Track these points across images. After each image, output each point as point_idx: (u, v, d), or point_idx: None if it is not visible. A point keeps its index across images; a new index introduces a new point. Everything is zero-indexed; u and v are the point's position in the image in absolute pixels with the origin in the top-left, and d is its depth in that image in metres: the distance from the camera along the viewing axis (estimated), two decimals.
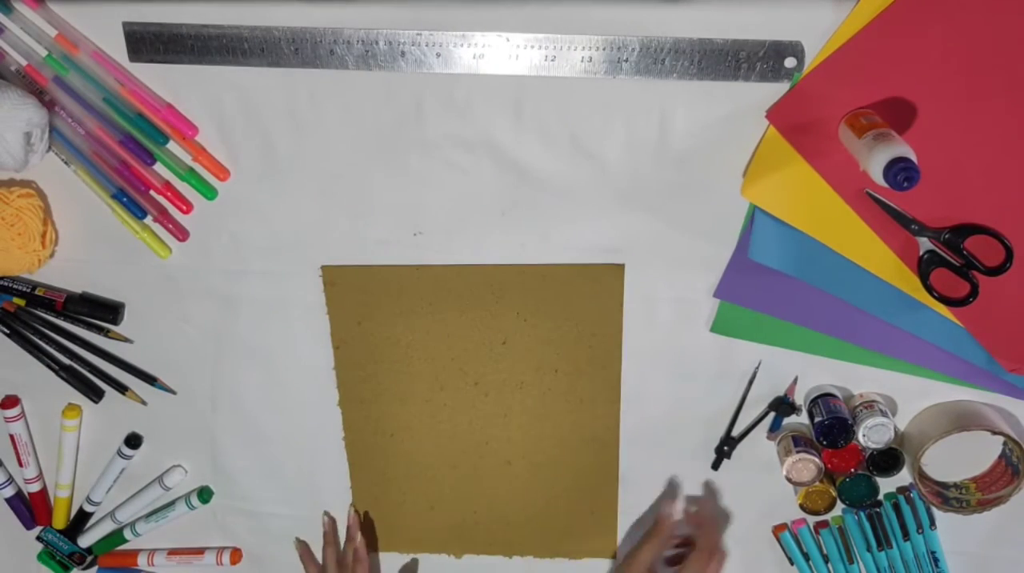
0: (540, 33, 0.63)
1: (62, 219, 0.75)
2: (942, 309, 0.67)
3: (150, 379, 0.81)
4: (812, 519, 0.80)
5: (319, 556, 0.87)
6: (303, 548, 0.87)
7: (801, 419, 0.76)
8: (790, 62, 0.62)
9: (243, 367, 0.80)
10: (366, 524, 0.86)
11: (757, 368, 0.73)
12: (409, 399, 0.80)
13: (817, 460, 0.73)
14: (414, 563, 0.88)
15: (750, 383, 0.74)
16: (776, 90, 0.63)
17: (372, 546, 0.86)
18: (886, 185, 0.55)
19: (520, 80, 0.65)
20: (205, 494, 0.86)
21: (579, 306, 0.74)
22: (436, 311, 0.75)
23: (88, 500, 0.88)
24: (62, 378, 0.81)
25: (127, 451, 0.84)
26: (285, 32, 0.65)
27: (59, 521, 0.89)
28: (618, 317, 0.74)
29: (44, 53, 0.68)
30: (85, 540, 0.89)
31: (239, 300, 0.76)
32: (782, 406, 0.74)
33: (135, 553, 0.90)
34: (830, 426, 0.71)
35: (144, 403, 0.82)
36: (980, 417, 0.71)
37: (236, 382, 0.80)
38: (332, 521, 0.85)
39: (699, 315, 0.73)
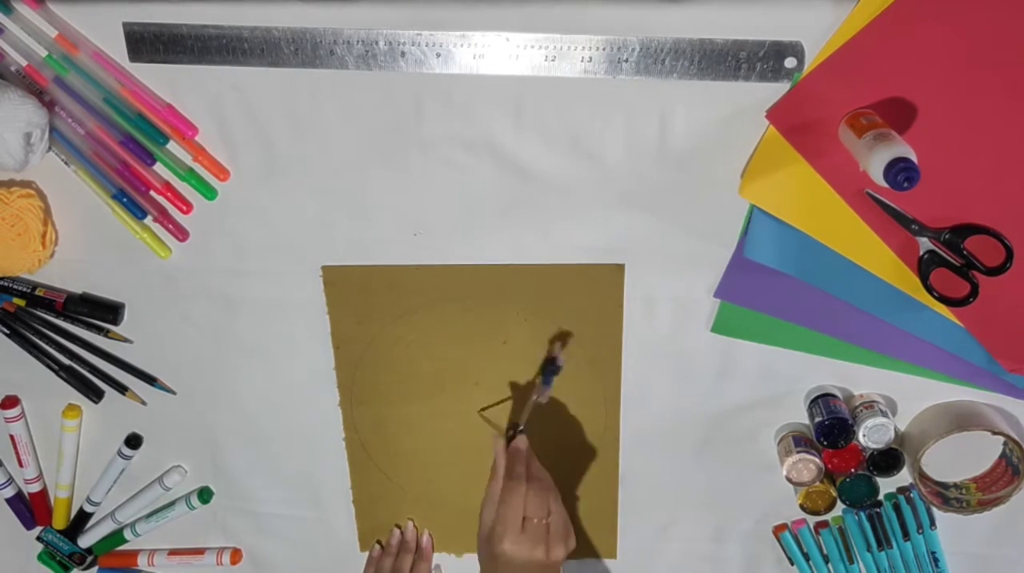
0: (540, 33, 0.63)
1: (62, 219, 0.75)
2: (942, 309, 0.67)
3: (150, 379, 0.81)
4: (812, 519, 0.80)
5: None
6: (377, 551, 0.86)
7: (801, 419, 0.76)
8: (790, 62, 0.62)
9: (243, 367, 0.79)
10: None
11: None
12: (409, 399, 0.80)
13: (817, 460, 0.73)
14: None
15: None
16: (776, 90, 0.63)
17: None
18: (886, 185, 0.55)
19: (520, 80, 0.65)
20: (205, 494, 0.86)
21: (579, 306, 0.74)
22: (436, 311, 0.75)
23: (88, 500, 0.88)
24: (62, 378, 0.81)
25: (127, 451, 0.84)
26: (285, 32, 0.65)
27: (59, 521, 0.89)
28: (618, 317, 0.74)
29: (44, 53, 0.68)
30: (85, 540, 0.89)
31: (239, 300, 0.76)
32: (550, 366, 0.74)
33: (135, 553, 0.90)
34: (830, 426, 0.71)
35: (144, 403, 0.82)
36: (980, 417, 0.71)
37: (236, 382, 0.80)
38: (400, 534, 0.85)
39: (699, 315, 0.73)
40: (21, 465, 0.86)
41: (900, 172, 0.54)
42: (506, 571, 0.65)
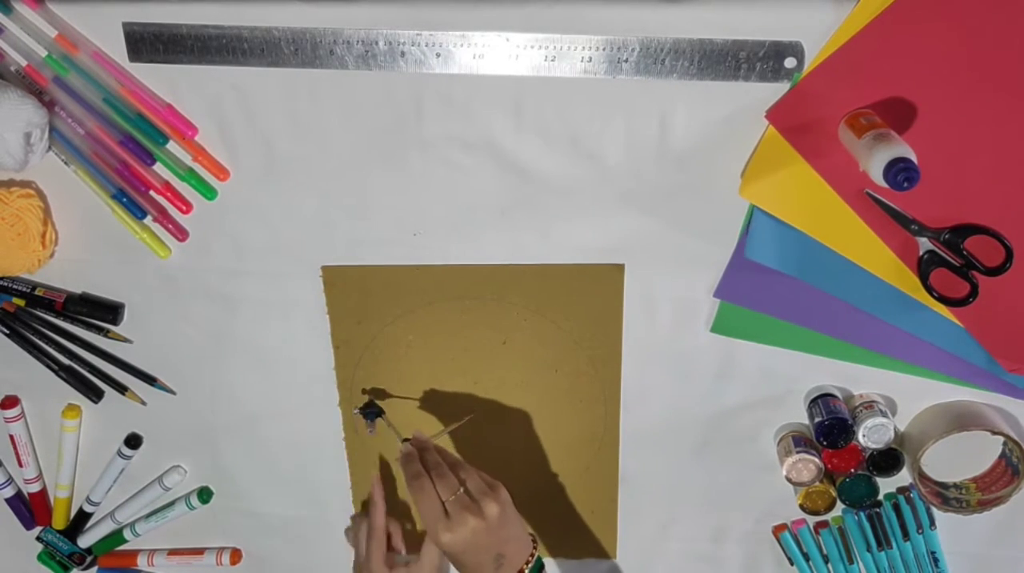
0: (540, 33, 0.63)
1: (62, 219, 0.75)
2: (942, 309, 0.67)
3: (150, 379, 0.81)
4: (812, 519, 0.80)
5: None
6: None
7: (801, 419, 0.76)
8: (790, 62, 0.62)
9: (243, 367, 0.79)
10: None
11: None
12: (409, 399, 0.80)
13: (817, 460, 0.73)
14: None
15: None
16: (776, 90, 0.63)
17: None
18: (886, 185, 0.55)
19: (520, 80, 0.65)
20: (205, 494, 0.86)
21: (579, 306, 0.74)
22: (436, 311, 0.75)
23: (88, 500, 0.88)
24: (62, 378, 0.81)
25: (127, 451, 0.84)
26: (285, 32, 0.65)
27: (59, 521, 0.89)
28: (618, 317, 0.74)
29: (44, 53, 0.68)
30: (85, 540, 0.89)
31: (239, 300, 0.76)
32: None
33: (135, 553, 0.90)
34: (830, 426, 0.71)
35: (144, 403, 0.82)
36: (980, 417, 0.71)
37: (236, 382, 0.80)
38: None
39: (699, 315, 0.73)
40: (21, 465, 0.86)
41: (900, 172, 0.54)
42: (461, 557, 0.64)
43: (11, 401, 0.84)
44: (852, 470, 0.75)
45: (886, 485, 0.77)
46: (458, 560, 0.65)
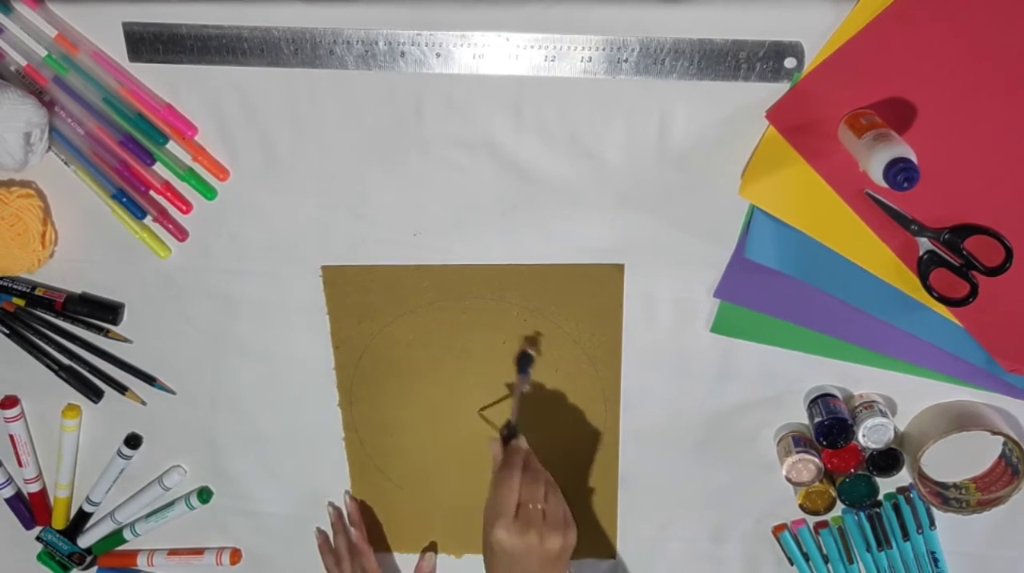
0: (540, 33, 0.63)
1: (62, 219, 0.75)
2: (942, 309, 0.67)
3: (150, 379, 0.81)
4: (812, 519, 0.80)
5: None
6: (322, 537, 0.86)
7: (801, 419, 0.76)
8: (790, 62, 0.62)
9: (243, 367, 0.79)
10: (366, 517, 0.86)
11: None
12: (409, 399, 0.80)
13: (817, 460, 0.73)
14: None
15: None
16: (776, 90, 0.63)
17: (374, 542, 0.86)
18: (886, 185, 0.55)
19: (520, 80, 0.65)
20: (205, 494, 0.86)
21: (579, 306, 0.74)
22: (436, 311, 0.75)
23: (88, 500, 0.88)
24: (62, 378, 0.81)
25: (127, 451, 0.84)
26: (285, 32, 0.65)
27: (59, 521, 0.89)
28: (618, 317, 0.74)
29: (44, 53, 0.68)
30: (85, 540, 0.89)
31: (239, 300, 0.76)
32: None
33: (135, 553, 0.90)
34: (830, 426, 0.71)
35: (144, 403, 0.82)
36: (980, 417, 0.71)
37: (236, 382, 0.80)
38: (337, 511, 0.85)
39: (699, 315, 0.73)
40: (21, 465, 0.86)
41: (900, 172, 0.54)
42: (501, 560, 0.63)
43: (11, 401, 0.84)
44: (852, 470, 0.75)
45: (886, 485, 0.77)
46: (494, 562, 0.63)
